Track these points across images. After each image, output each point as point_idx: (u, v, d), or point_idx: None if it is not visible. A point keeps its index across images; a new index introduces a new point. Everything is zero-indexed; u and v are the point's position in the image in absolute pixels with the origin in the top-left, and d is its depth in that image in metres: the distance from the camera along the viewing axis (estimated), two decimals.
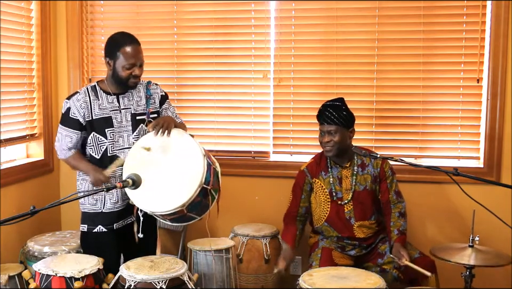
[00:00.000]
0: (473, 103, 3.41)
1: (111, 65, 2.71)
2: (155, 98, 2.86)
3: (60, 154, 2.81)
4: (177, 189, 2.50)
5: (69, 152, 2.75)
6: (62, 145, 2.75)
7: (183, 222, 2.67)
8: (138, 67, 2.71)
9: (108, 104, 2.75)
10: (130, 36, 2.75)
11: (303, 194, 3.08)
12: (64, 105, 2.74)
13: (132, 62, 2.68)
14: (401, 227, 2.95)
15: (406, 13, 3.43)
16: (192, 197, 2.47)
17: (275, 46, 3.57)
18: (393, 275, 2.92)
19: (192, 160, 2.53)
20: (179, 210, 2.50)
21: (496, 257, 2.64)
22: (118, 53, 2.67)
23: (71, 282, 2.45)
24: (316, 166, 3.07)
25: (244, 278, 3.24)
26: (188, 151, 2.57)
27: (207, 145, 3.69)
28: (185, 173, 2.53)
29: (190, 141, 2.60)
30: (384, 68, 3.47)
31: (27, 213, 1.82)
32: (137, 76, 2.72)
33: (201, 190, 2.50)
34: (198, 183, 2.47)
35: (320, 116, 2.97)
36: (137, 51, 2.70)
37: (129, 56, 2.67)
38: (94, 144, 2.73)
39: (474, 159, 3.44)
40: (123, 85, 2.74)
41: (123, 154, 2.74)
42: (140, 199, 2.57)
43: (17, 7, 3.39)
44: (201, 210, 2.61)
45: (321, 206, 3.04)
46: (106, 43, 2.76)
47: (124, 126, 2.77)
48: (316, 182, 3.05)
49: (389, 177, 3.02)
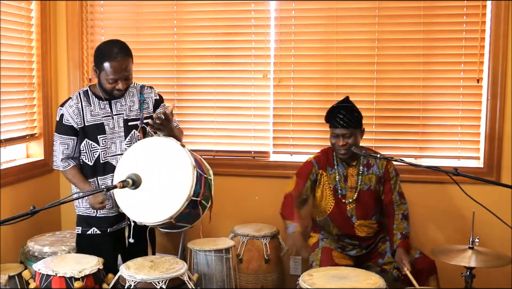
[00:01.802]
0: (473, 103, 3.41)
1: (97, 74, 2.66)
2: (149, 102, 2.82)
3: (56, 164, 2.77)
4: (165, 201, 2.47)
5: (66, 164, 2.73)
6: (58, 155, 2.73)
7: (174, 229, 2.66)
8: (123, 81, 2.62)
9: (100, 110, 2.72)
10: (119, 48, 2.62)
11: (307, 182, 3.05)
12: (58, 113, 2.73)
13: (116, 77, 2.60)
14: (405, 230, 2.94)
15: (406, 13, 3.43)
16: (179, 210, 2.44)
17: (275, 46, 3.57)
18: (394, 275, 2.92)
19: (181, 172, 2.48)
20: (167, 221, 2.48)
21: (496, 258, 2.64)
22: (103, 65, 2.60)
23: (71, 282, 2.45)
24: (324, 159, 3.06)
25: (243, 278, 3.24)
26: (177, 162, 2.51)
27: (207, 145, 3.70)
28: (173, 185, 2.49)
29: (180, 152, 2.53)
30: (384, 68, 3.47)
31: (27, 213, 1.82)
32: (121, 90, 2.65)
33: (190, 202, 2.46)
34: (186, 196, 2.43)
35: (332, 119, 2.95)
36: (122, 67, 2.59)
37: (114, 71, 2.59)
38: (87, 150, 2.72)
39: (474, 159, 3.44)
40: (108, 95, 2.71)
41: (115, 161, 2.72)
42: (128, 209, 2.55)
43: (17, 7, 3.38)
44: (191, 219, 2.60)
45: (326, 199, 3.04)
46: (95, 52, 2.69)
47: (116, 132, 2.75)
48: (323, 175, 3.04)
49: (393, 178, 3.02)
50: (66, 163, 2.74)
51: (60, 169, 2.78)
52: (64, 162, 2.74)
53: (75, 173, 2.74)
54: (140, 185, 2.33)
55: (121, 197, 2.56)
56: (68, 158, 2.74)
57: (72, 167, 2.74)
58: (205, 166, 2.67)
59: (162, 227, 2.62)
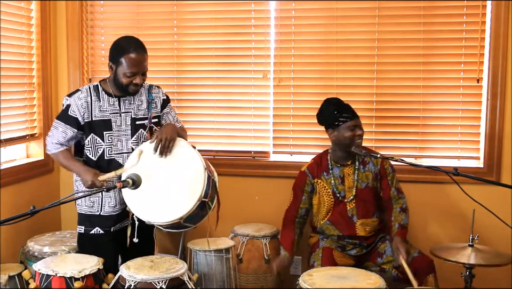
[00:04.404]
0: (473, 103, 3.41)
1: (113, 69, 2.67)
2: (157, 102, 2.84)
3: (50, 148, 2.75)
4: (176, 202, 2.49)
5: (60, 148, 2.72)
6: (53, 139, 2.71)
7: (177, 229, 2.67)
8: (140, 75, 2.65)
9: (109, 106, 2.72)
10: (137, 43, 2.68)
11: (304, 195, 3.08)
12: (64, 102, 2.72)
13: (134, 70, 2.62)
14: (402, 221, 2.96)
15: (406, 13, 3.43)
16: (190, 211, 2.47)
17: (275, 46, 3.57)
18: (393, 275, 2.93)
19: (193, 174, 2.51)
20: (176, 222, 2.49)
21: (496, 256, 2.64)
22: (121, 60, 2.62)
23: (71, 282, 2.45)
24: (316, 167, 3.08)
25: (243, 278, 3.24)
26: (189, 163, 2.53)
27: (207, 145, 3.70)
28: (185, 186, 2.51)
29: (192, 153, 2.57)
30: (384, 68, 3.47)
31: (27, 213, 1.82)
32: (138, 84, 2.68)
33: (200, 203, 2.48)
34: (198, 197, 2.46)
35: (344, 112, 2.95)
36: (140, 60, 2.64)
37: (132, 64, 2.61)
38: (92, 145, 2.72)
39: (474, 159, 3.44)
40: (123, 90, 2.71)
41: (121, 158, 2.73)
42: (137, 208, 2.56)
43: (17, 7, 3.38)
44: (197, 220, 2.61)
45: (325, 205, 3.05)
46: (111, 47, 2.70)
47: (123, 130, 2.75)
48: (318, 183, 3.05)
49: (390, 174, 3.03)
50: (59, 145, 2.72)
51: (52, 152, 2.75)
52: (57, 146, 2.72)
53: (67, 154, 2.73)
54: (140, 185, 2.33)
55: (129, 196, 2.56)
56: (61, 144, 2.72)
57: (64, 150, 2.73)
58: (210, 167, 2.68)
59: (168, 227, 2.63)
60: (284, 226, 3.13)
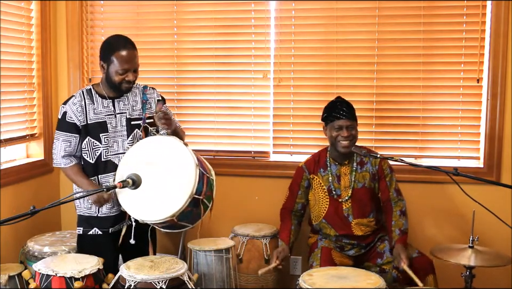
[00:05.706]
0: (473, 103, 3.41)
1: (105, 68, 2.68)
2: (151, 103, 2.84)
3: (57, 162, 2.75)
4: (167, 199, 2.48)
5: (67, 161, 2.72)
6: (60, 152, 2.72)
7: (175, 229, 2.66)
8: (132, 72, 2.67)
9: (103, 108, 2.73)
10: (126, 40, 2.70)
11: (300, 190, 3.11)
12: (60, 110, 2.74)
13: (125, 67, 2.64)
14: (403, 226, 2.95)
15: (406, 13, 3.43)
16: (182, 208, 2.45)
17: (275, 46, 3.57)
18: (393, 275, 2.92)
19: (184, 170, 2.49)
20: (169, 219, 2.48)
21: (496, 257, 2.64)
22: (112, 57, 2.64)
23: (71, 282, 2.44)
24: (314, 163, 3.10)
25: (243, 278, 3.24)
26: (180, 160, 2.52)
27: (207, 145, 3.70)
28: (176, 182, 2.50)
29: (183, 150, 2.55)
30: (384, 68, 3.47)
31: (27, 213, 1.82)
32: (131, 82, 2.69)
33: (192, 200, 2.47)
34: (189, 193, 2.45)
35: (333, 112, 2.97)
36: (131, 57, 2.66)
37: (123, 61, 2.63)
38: (89, 148, 2.72)
39: (474, 159, 3.44)
40: (116, 89, 2.72)
41: (117, 159, 2.73)
42: (130, 207, 2.55)
43: (17, 7, 3.38)
44: (193, 219, 2.60)
45: (320, 202, 3.05)
46: (101, 47, 2.73)
47: (119, 131, 2.75)
48: (314, 179, 3.06)
49: (388, 175, 3.03)
50: (68, 160, 2.73)
51: (61, 166, 2.76)
52: (66, 159, 2.73)
53: (76, 170, 2.73)
54: (140, 185, 2.33)
55: (123, 195, 2.56)
56: (69, 155, 2.73)
57: (74, 165, 2.74)
58: (207, 166, 2.67)
59: (164, 226, 2.62)
60: (281, 219, 3.15)
